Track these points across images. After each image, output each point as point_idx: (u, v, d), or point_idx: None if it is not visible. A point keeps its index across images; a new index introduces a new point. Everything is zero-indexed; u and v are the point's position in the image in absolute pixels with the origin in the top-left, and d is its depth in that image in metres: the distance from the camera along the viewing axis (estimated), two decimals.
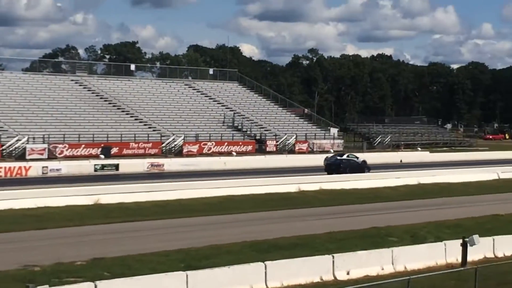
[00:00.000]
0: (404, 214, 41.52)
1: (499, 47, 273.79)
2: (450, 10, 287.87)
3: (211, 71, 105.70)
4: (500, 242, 31.24)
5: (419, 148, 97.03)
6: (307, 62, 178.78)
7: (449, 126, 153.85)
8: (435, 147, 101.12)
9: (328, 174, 60.89)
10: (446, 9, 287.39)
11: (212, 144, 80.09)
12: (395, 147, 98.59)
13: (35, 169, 60.28)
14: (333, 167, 63.27)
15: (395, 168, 67.72)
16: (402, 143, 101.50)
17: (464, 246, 27.44)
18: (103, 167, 63.62)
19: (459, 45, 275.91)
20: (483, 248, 29.67)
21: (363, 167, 63.79)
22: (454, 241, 29.15)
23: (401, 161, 78.01)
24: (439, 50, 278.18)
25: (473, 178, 60.11)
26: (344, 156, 66.36)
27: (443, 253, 29.17)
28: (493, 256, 30.56)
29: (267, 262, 24.58)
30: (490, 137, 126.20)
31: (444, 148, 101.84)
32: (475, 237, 27.25)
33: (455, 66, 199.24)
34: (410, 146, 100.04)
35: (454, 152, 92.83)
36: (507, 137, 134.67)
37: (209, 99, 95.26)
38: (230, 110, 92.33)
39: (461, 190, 53.85)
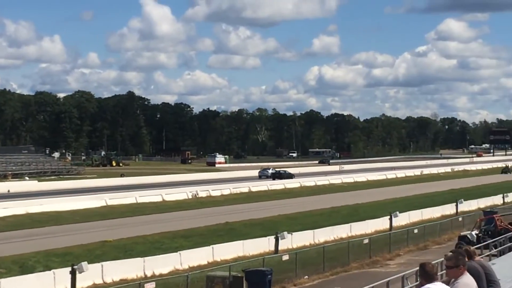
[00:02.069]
0: (12, 245, 40.32)
1: (105, 76, 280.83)
2: (57, 39, 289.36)
3: None
4: (108, 268, 31.70)
5: (27, 178, 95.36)
6: None
7: (57, 154, 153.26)
8: (43, 176, 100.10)
9: (273, 180, 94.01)
10: (53, 38, 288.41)
11: None
12: (3, 177, 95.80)
13: None
14: (277, 175, 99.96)
15: (2, 198, 65.65)
16: (10, 173, 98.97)
17: (73, 273, 27.33)
18: None
19: (66, 74, 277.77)
20: (92, 275, 29.85)
21: (292, 175, 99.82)
22: (63, 269, 28.96)
23: (8, 191, 75.93)
24: (46, 79, 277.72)
25: (81, 205, 60.45)
26: (278, 170, 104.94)
27: (52, 282, 28.86)
28: (102, 282, 30.91)
29: None
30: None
31: (53, 177, 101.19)
32: (84, 264, 27.29)
33: (62, 95, 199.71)
34: (18, 176, 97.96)
35: (62, 181, 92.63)
36: (114, 164, 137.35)
37: None
38: None
39: (70, 218, 53.84)
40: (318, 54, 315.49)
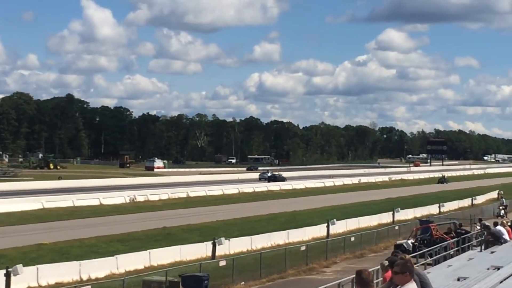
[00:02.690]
0: None
1: (44, 78, 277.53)
2: None
3: None
4: (44, 271, 31.31)
5: None
6: None
7: None
8: None
9: (269, 182, 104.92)
10: None
11: None
12: None
13: None
14: (272, 178, 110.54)
15: None
16: None
17: (8, 276, 26.96)
18: None
19: (4, 75, 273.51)
20: (27, 278, 29.48)
21: (284, 178, 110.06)
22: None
23: None
24: None
25: (18, 208, 59.57)
26: (274, 173, 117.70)
27: None
28: (37, 285, 30.58)
29: None
30: None
31: None
32: (18, 266, 26.94)
33: (0, 96, 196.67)
34: None
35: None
36: (52, 166, 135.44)
37: None
38: None
39: (5, 220, 53.04)
40: (259, 61, 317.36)
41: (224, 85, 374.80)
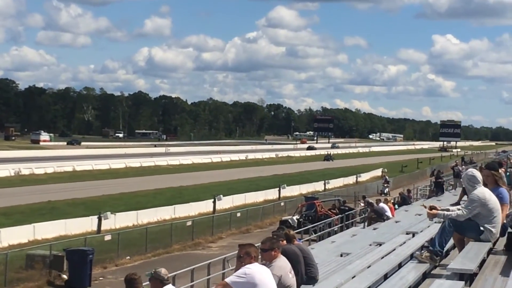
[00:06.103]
0: None
1: None
2: None
3: None
4: None
5: None
6: None
7: None
8: None
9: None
10: None
11: None
12: None
13: None
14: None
15: None
16: None
17: None
18: None
19: None
20: None
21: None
22: None
23: None
24: None
25: None
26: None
27: None
28: None
29: None
30: None
31: None
32: None
33: None
34: None
35: None
36: None
37: None
38: None
39: None
40: (149, 35, 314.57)
41: (113, 59, 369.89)
